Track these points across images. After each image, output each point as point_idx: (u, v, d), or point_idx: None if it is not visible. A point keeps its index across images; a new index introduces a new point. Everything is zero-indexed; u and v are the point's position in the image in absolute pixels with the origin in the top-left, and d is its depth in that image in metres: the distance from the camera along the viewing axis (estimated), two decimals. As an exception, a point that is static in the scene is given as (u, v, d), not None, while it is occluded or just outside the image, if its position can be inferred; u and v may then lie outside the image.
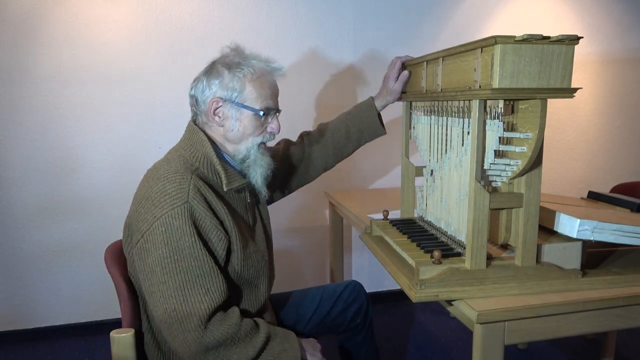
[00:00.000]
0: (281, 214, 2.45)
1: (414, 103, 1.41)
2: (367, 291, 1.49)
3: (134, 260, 1.08)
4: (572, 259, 1.06)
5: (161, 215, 0.99)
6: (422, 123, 1.36)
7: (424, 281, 0.99)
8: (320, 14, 2.36)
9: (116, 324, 1.07)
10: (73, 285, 2.30)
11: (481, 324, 0.95)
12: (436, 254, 1.04)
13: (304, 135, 1.54)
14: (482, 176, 1.00)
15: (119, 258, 1.19)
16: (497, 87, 0.89)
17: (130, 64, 2.20)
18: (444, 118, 1.20)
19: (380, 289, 2.68)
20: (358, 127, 1.50)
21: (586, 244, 1.08)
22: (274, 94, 1.17)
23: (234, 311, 1.05)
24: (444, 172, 1.21)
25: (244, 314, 1.11)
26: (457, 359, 2.12)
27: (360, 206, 1.88)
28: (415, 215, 1.46)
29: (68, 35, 2.11)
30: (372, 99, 1.49)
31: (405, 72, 1.38)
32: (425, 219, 1.37)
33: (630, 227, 1.06)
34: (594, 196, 1.54)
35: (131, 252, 1.09)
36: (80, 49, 2.14)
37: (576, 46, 0.91)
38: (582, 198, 1.57)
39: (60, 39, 2.11)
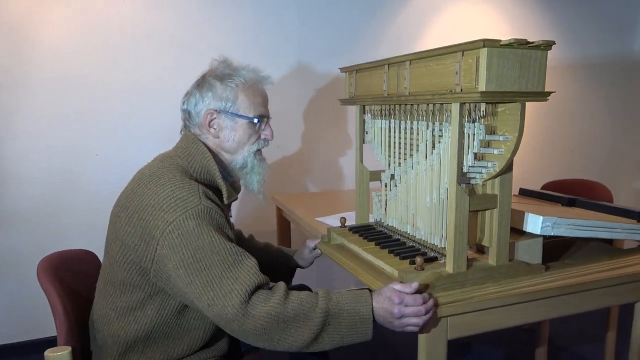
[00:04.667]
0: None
1: (367, 107, 1.39)
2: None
3: (157, 269, 1.01)
4: (535, 254, 1.12)
5: (174, 220, 0.98)
6: (378, 127, 1.34)
7: (412, 289, 0.96)
8: (263, 20, 2.30)
9: (53, 342, 1.01)
10: (5, 302, 2.10)
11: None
12: (419, 260, 1.02)
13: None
14: (462, 179, 1.00)
15: (53, 272, 1.13)
16: (484, 90, 0.89)
17: (64, 68, 2.04)
18: (408, 122, 1.19)
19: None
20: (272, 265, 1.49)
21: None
22: (265, 101, 1.21)
23: (278, 289, 0.99)
24: (410, 177, 1.20)
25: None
26: (404, 356, 2.14)
27: (307, 210, 1.82)
28: (372, 220, 1.44)
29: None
30: (293, 257, 1.50)
31: (318, 251, 1.43)
32: (385, 223, 1.35)
33: (582, 221, 1.15)
34: (525, 193, 1.65)
35: (143, 260, 1.02)
36: (10, 50, 1.92)
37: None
38: (514, 195, 1.67)
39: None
